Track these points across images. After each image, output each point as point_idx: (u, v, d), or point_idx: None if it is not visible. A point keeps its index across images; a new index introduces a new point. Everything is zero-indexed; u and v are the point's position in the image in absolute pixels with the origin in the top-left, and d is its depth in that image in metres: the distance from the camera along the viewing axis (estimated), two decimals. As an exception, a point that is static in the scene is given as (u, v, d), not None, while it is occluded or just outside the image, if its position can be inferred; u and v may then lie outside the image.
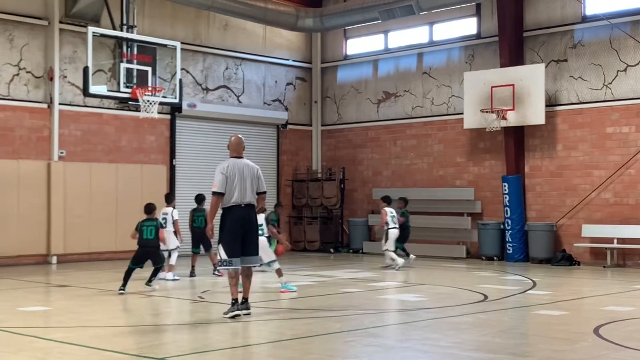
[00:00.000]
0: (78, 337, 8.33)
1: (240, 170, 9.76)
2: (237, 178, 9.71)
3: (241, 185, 9.70)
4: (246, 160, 9.98)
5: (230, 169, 9.72)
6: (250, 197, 9.77)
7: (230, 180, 9.67)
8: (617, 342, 8.01)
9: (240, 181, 9.71)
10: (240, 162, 9.89)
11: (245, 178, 9.75)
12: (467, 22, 20.66)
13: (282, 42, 23.17)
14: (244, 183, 9.73)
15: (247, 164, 9.90)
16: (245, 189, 9.73)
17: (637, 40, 17.43)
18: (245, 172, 9.79)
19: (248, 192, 9.75)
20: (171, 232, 14.71)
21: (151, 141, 20.07)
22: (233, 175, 9.70)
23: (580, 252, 18.08)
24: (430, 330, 9.04)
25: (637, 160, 17.45)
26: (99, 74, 17.25)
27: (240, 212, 9.69)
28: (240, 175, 9.73)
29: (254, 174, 9.88)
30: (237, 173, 9.73)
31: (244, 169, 9.81)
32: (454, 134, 20.54)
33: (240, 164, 9.85)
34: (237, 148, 10.06)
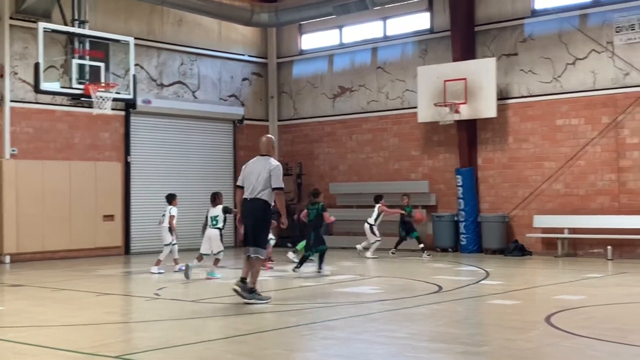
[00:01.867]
0: (31, 336, 8.25)
1: (252, 166, 10.54)
2: (248, 174, 10.51)
3: (249, 181, 10.43)
4: (266, 158, 10.57)
5: (247, 165, 10.64)
6: (255, 192, 10.36)
7: (243, 176, 10.55)
8: (568, 330, 8.18)
9: (249, 177, 10.47)
10: (257, 159, 10.62)
11: (252, 174, 10.44)
12: (420, 17, 20.85)
13: (238, 37, 23.11)
14: (251, 179, 10.42)
15: (261, 161, 10.53)
16: (251, 184, 10.39)
17: (586, 34, 17.79)
18: (255, 168, 10.46)
19: (253, 187, 10.37)
20: (166, 228, 14.92)
21: (105, 138, 19.87)
22: (245, 172, 10.57)
23: (532, 242, 18.42)
24: (386, 321, 9.15)
25: (586, 152, 17.83)
26: (50, 70, 17.04)
27: (245, 205, 10.49)
28: (250, 172, 10.49)
29: (264, 170, 10.39)
30: (249, 169, 10.55)
31: (255, 166, 10.50)
32: (409, 127, 20.73)
33: (255, 161, 10.59)
34: (261, 146, 10.78)
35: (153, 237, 20.44)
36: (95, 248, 19.26)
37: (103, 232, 19.46)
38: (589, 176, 17.83)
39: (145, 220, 20.50)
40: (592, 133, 17.76)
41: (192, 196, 21.32)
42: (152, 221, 20.46)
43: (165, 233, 14.95)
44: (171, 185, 20.94)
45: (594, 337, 7.75)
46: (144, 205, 20.57)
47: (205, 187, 21.52)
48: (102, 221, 19.43)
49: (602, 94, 17.69)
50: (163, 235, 15.02)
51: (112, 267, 16.52)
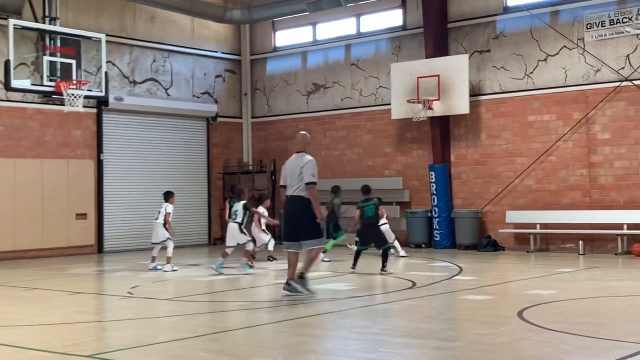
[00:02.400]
0: (3, 336, 8.17)
1: (289, 165, 10.80)
2: (286, 172, 10.83)
3: (289, 178, 10.72)
4: (302, 154, 10.80)
5: (286, 165, 10.89)
6: (292, 190, 10.64)
7: (284, 175, 10.85)
8: (540, 324, 8.25)
9: (287, 175, 10.78)
10: (293, 157, 10.85)
11: (289, 172, 10.74)
12: (393, 14, 20.91)
13: (211, 34, 23.02)
14: (287, 176, 10.76)
15: (296, 158, 10.76)
16: (288, 182, 10.74)
17: (557, 31, 17.95)
18: (291, 167, 10.73)
19: (290, 185, 10.69)
20: (161, 224, 14.88)
21: (77, 136, 19.70)
22: (284, 170, 10.89)
23: (505, 237, 18.56)
24: (360, 317, 9.18)
25: (557, 148, 18.00)
26: (21, 67, 16.84)
27: (287, 202, 10.77)
28: (288, 170, 10.79)
29: (298, 167, 10.61)
30: (286, 168, 10.85)
31: (291, 164, 10.75)
32: (382, 124, 20.79)
33: (292, 159, 10.83)
34: (298, 143, 11.11)
35: (126, 236, 20.38)
36: (68, 247, 19.11)
37: (76, 230, 19.31)
38: (561, 172, 17.99)
39: (119, 219, 20.39)
40: (563, 129, 17.92)
41: (165, 194, 21.25)
42: (126, 219, 20.42)
43: (160, 229, 14.89)
44: (144, 183, 20.87)
45: (566, 332, 7.82)
46: (117, 203, 20.44)
47: (179, 185, 21.48)
48: (74, 220, 19.28)
49: (573, 90, 17.86)
50: (157, 231, 14.91)
51: (84, 266, 16.40)
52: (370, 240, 13.72)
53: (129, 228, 20.50)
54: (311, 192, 10.57)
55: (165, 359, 7.04)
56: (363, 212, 13.66)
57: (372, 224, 13.72)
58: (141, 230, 20.30)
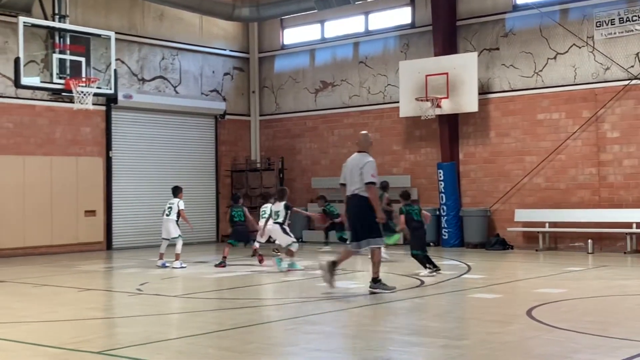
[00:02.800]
0: (13, 332, 8.21)
1: (349, 164, 10.83)
2: (346, 171, 10.88)
3: (348, 177, 10.79)
4: (363, 154, 10.82)
5: (346, 163, 10.93)
6: (352, 189, 10.68)
7: (344, 174, 10.91)
8: (549, 323, 8.24)
9: (347, 174, 10.84)
10: (354, 156, 10.89)
11: (348, 172, 10.79)
12: (402, 12, 20.88)
13: (219, 32, 23.04)
14: (348, 176, 10.80)
15: (358, 157, 10.77)
16: (347, 181, 10.80)
17: (566, 29, 17.89)
18: (351, 166, 10.76)
19: (350, 184, 10.74)
20: (173, 221, 14.89)
21: (86, 133, 19.76)
22: (346, 169, 10.89)
23: (514, 236, 18.52)
24: (368, 316, 9.18)
25: (567, 146, 17.94)
26: (31, 65, 16.89)
27: (346, 202, 10.85)
28: (348, 169, 10.84)
29: (358, 167, 10.64)
30: (346, 167, 10.89)
31: (352, 163, 10.78)
32: (390, 122, 20.77)
33: (352, 159, 10.87)
34: (360, 143, 11.13)
35: (135, 233, 20.44)
36: (77, 244, 19.16)
37: (85, 227, 19.36)
38: (570, 170, 17.94)
39: (127, 216, 20.45)
40: (572, 127, 17.87)
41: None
42: (134, 216, 20.47)
43: (172, 225, 14.90)
44: (153, 180, 20.92)
45: (575, 330, 7.81)
46: (125, 200, 20.50)
47: (187, 182, 21.50)
48: (83, 217, 19.33)
49: (582, 89, 17.80)
50: (168, 227, 14.92)
51: (93, 263, 16.44)
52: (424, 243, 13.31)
53: (138, 225, 20.55)
54: (370, 192, 10.59)
55: (174, 355, 7.05)
56: (411, 215, 13.23)
57: (422, 228, 13.29)
58: (150, 227, 20.36)
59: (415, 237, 13.26)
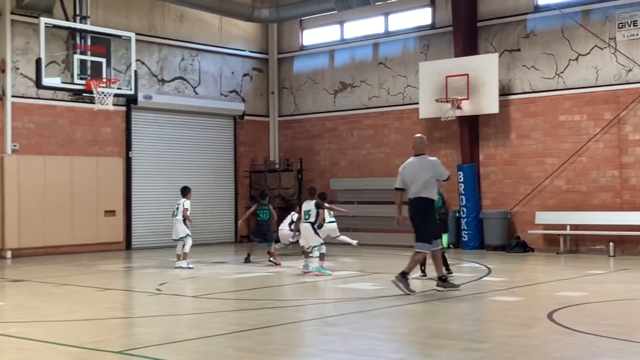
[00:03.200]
0: (33, 331, 8.25)
1: (411, 168, 10.87)
2: (408, 175, 10.84)
3: (411, 182, 10.79)
4: (423, 157, 10.94)
5: (405, 167, 10.95)
6: (418, 192, 10.75)
7: (403, 178, 10.89)
8: (570, 326, 8.17)
9: (410, 178, 10.81)
10: (414, 160, 10.95)
11: (413, 175, 10.79)
12: (422, 13, 20.81)
13: (239, 33, 23.08)
14: (412, 180, 10.78)
15: (419, 161, 10.89)
16: (413, 184, 10.78)
17: (588, 30, 17.75)
18: (415, 169, 10.81)
19: (415, 187, 10.76)
20: (181, 221, 14.95)
21: (106, 133, 19.86)
22: (404, 174, 10.89)
23: (534, 238, 18.39)
24: (388, 318, 9.14)
25: (588, 148, 17.80)
26: (52, 65, 17.01)
27: (410, 205, 10.88)
28: (411, 173, 10.83)
29: (425, 170, 10.80)
30: (408, 171, 10.87)
31: (415, 167, 10.84)
32: (410, 123, 20.70)
33: (413, 163, 10.93)
34: (416, 146, 11.14)
35: (154, 233, 20.50)
36: (97, 243, 19.25)
37: (104, 227, 19.45)
38: (591, 172, 17.79)
39: (147, 216, 20.52)
40: (594, 129, 17.72)
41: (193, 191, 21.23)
42: (154, 216, 20.54)
43: (180, 226, 14.96)
44: (172, 180, 20.96)
45: (597, 334, 7.73)
46: (145, 200, 20.58)
47: (206, 183, 21.60)
48: (103, 216, 19.42)
49: (604, 90, 17.65)
50: (177, 228, 14.99)
51: (113, 263, 16.52)
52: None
53: (157, 225, 20.61)
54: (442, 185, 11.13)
55: (193, 356, 7.05)
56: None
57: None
58: (169, 228, 20.14)
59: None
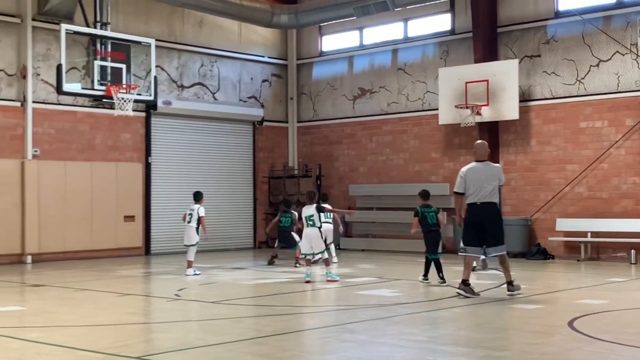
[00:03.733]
0: (53, 336, 8.28)
1: (477, 173, 11.15)
2: (473, 180, 11.10)
3: (477, 187, 11.07)
4: (487, 162, 11.38)
5: (469, 172, 11.22)
6: (486, 197, 11.09)
7: (466, 183, 11.14)
8: (591, 334, 8.10)
9: (475, 183, 11.08)
10: (479, 166, 11.28)
11: (479, 180, 11.09)
12: (442, 18, 20.76)
13: (258, 39, 23.13)
14: (478, 185, 11.06)
15: (484, 166, 11.27)
16: (480, 189, 11.08)
17: (609, 36, 17.62)
18: (481, 175, 11.13)
19: (483, 192, 11.08)
20: (194, 228, 14.87)
21: (126, 139, 19.96)
22: (469, 179, 11.13)
23: (555, 245, 18.25)
24: (406, 325, 9.09)
25: (610, 155, 17.65)
26: (72, 71, 17.13)
27: (477, 210, 11.09)
28: (477, 178, 11.09)
29: (492, 175, 11.21)
30: (473, 176, 11.13)
31: (480, 173, 11.15)
32: (429, 129, 20.64)
33: (478, 168, 11.24)
34: (479, 152, 11.49)
35: (173, 238, 20.54)
36: (116, 248, 19.34)
37: (124, 232, 19.54)
38: (613, 179, 17.64)
39: (166, 221, 20.58)
40: (615, 136, 17.58)
41: (211, 197, 21.37)
42: (173, 222, 20.59)
43: (193, 232, 14.87)
44: (191, 186, 20.98)
45: (618, 342, 7.66)
46: (164, 205, 20.65)
47: (225, 188, 21.64)
48: (122, 222, 19.51)
49: (626, 96, 17.51)
50: (190, 234, 14.88)
51: (132, 268, 16.58)
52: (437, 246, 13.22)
53: (176, 230, 20.55)
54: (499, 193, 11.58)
55: (212, 362, 7.05)
56: (426, 217, 13.03)
57: (437, 231, 13.19)
58: (188, 233, 20.40)
59: (429, 239, 13.08)
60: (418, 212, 13.06)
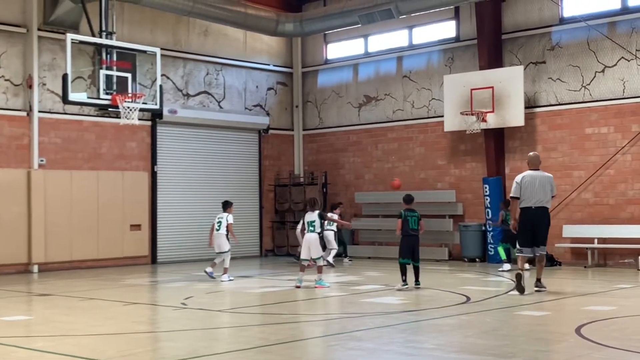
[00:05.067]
0: (60, 346, 8.28)
1: (533, 180, 12.34)
2: (529, 186, 12.29)
3: (532, 192, 12.28)
4: (540, 172, 12.55)
5: (525, 179, 12.38)
6: (541, 202, 12.35)
7: (522, 189, 12.32)
8: (598, 341, 8.06)
9: (531, 189, 12.28)
10: (535, 174, 12.46)
11: (535, 187, 12.30)
12: (446, 26, 20.76)
13: (263, 47, 23.17)
14: (534, 191, 12.28)
15: (539, 175, 12.46)
16: (535, 195, 12.29)
17: (614, 42, 17.60)
18: (538, 182, 12.33)
19: (538, 198, 12.31)
20: (224, 235, 15.14)
21: (132, 148, 19.99)
22: (526, 184, 12.32)
23: (562, 252, 18.20)
24: (413, 332, 9.06)
25: (616, 161, 17.61)
26: (78, 81, 17.17)
27: (531, 213, 12.31)
28: (532, 185, 12.30)
29: (547, 183, 12.43)
30: (529, 182, 12.32)
31: (537, 180, 12.36)
32: (435, 136, 20.62)
33: (534, 176, 12.43)
34: (534, 162, 12.68)
35: (180, 247, 20.59)
36: (123, 257, 19.35)
37: (130, 241, 19.55)
38: (619, 185, 17.59)
39: (172, 230, 20.60)
40: (622, 141, 17.54)
41: (218, 205, 21.33)
42: (179, 230, 20.63)
43: (223, 240, 15.14)
44: (197, 194, 21.07)
45: (626, 349, 7.62)
46: (170, 214, 20.66)
47: (231, 196, 21.54)
48: (129, 231, 19.52)
49: (632, 102, 17.47)
50: (219, 242, 15.19)
51: (139, 277, 16.58)
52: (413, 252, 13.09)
53: (183, 239, 20.69)
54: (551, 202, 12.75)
55: (219, 371, 7.03)
56: (408, 221, 12.97)
57: (416, 236, 13.09)
58: (194, 242, 20.47)
59: (405, 244, 12.99)
60: (402, 214, 13.08)
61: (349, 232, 21.55)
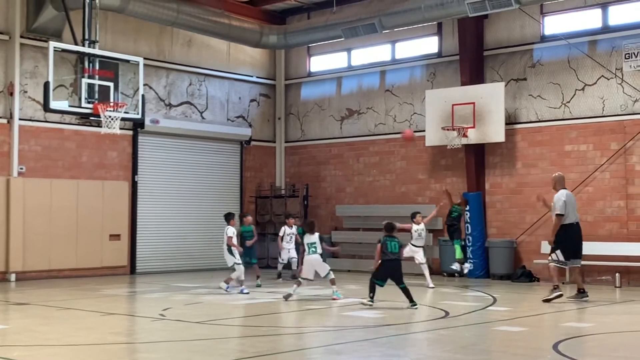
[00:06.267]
0: (36, 355, 8.21)
1: (571, 198, 13.69)
2: (570, 204, 13.50)
3: (572, 209, 13.55)
4: (566, 191, 13.72)
5: (567, 197, 13.56)
6: (577, 217, 13.73)
7: (568, 205, 13.47)
8: (576, 358, 8.11)
9: (571, 207, 13.51)
10: (567, 193, 13.70)
11: (572, 204, 13.60)
12: (429, 41, 20.90)
13: (246, 58, 23.20)
14: (574, 207, 13.62)
15: (569, 194, 13.73)
16: (574, 210, 13.64)
17: (595, 60, 17.79)
18: (571, 201, 13.61)
19: (576, 214, 13.69)
20: (226, 250, 15.12)
21: (113, 157, 19.90)
22: (570, 202, 13.52)
23: (540, 268, 18.25)
24: (392, 346, 9.07)
25: (594, 178, 17.76)
26: (60, 89, 17.07)
27: (576, 228, 13.58)
28: (570, 203, 13.54)
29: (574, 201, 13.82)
30: (569, 201, 13.53)
31: (570, 199, 13.61)
32: (416, 151, 20.71)
33: (569, 194, 13.71)
34: (561, 181, 13.91)
35: (159, 257, 20.50)
36: (101, 267, 19.22)
37: (109, 251, 19.43)
38: (598, 202, 17.74)
39: (152, 240, 20.50)
40: (600, 159, 17.70)
41: (198, 216, 21.35)
42: (159, 241, 20.55)
43: (227, 255, 15.09)
44: (177, 205, 21.00)
45: (603, 366, 7.67)
46: (150, 225, 20.57)
47: (212, 207, 21.56)
48: (108, 240, 19.41)
49: (611, 120, 17.65)
50: (225, 257, 15.15)
51: (117, 287, 16.47)
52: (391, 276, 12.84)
53: (162, 250, 20.60)
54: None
55: (197, 383, 7.00)
56: (387, 246, 12.76)
57: (397, 260, 12.89)
58: (174, 252, 20.41)
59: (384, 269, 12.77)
60: (381, 240, 12.82)
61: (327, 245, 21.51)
